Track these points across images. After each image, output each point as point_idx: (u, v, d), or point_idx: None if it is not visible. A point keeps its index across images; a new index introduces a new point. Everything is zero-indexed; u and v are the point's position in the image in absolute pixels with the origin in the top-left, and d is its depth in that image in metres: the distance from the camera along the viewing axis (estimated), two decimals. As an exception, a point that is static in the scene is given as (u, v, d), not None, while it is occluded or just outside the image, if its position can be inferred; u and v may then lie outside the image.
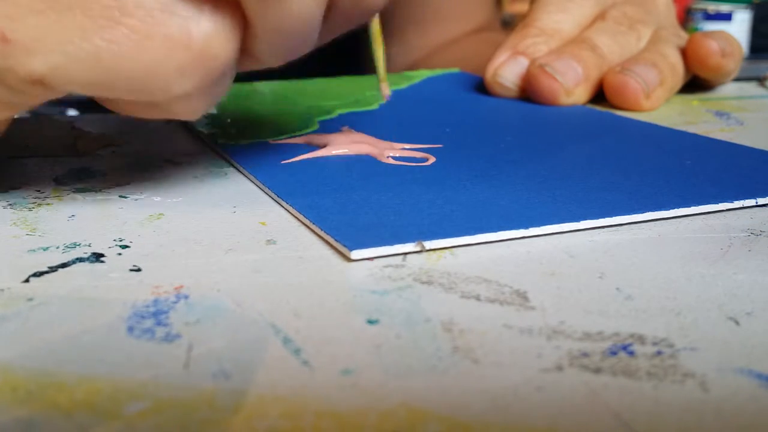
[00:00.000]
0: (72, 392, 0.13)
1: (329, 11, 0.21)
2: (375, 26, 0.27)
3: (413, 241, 0.18)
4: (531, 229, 0.20)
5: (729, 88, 0.45)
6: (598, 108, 0.37)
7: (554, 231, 0.20)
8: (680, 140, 0.30)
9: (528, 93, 0.38)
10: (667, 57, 0.39)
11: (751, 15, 1.33)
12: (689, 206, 0.21)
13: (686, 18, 1.37)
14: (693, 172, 0.25)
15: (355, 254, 0.18)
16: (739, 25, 1.33)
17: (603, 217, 0.20)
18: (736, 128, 0.34)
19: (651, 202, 0.22)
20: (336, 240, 0.19)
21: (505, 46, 0.40)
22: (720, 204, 0.22)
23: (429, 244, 0.19)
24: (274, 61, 0.21)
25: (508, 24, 1.46)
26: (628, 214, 0.21)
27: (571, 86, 0.37)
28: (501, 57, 0.39)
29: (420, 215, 0.20)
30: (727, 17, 1.32)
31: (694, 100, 0.41)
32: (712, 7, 1.33)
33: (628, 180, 0.24)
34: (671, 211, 0.21)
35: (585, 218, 0.20)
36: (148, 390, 0.13)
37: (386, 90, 0.28)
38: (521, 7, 1.60)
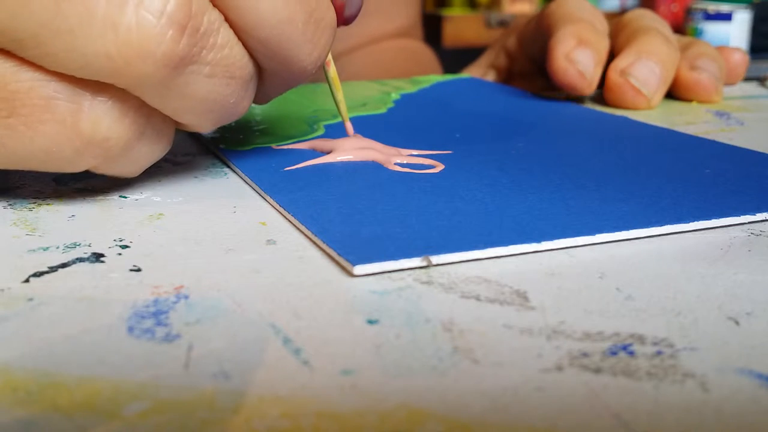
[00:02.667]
0: (72, 393, 0.13)
1: (262, 76, 0.22)
2: (332, 72, 0.27)
3: (419, 256, 0.18)
4: (544, 243, 0.19)
5: (729, 88, 0.45)
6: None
7: (568, 245, 0.19)
8: (698, 147, 0.29)
9: (607, 97, 0.38)
10: (712, 49, 0.40)
11: (751, 15, 1.33)
12: (710, 219, 0.20)
13: (686, 18, 1.38)
14: (713, 182, 0.24)
15: (358, 269, 0.17)
16: (739, 25, 1.33)
17: (620, 230, 0.19)
18: (736, 128, 0.34)
19: (671, 214, 0.21)
20: (339, 254, 0.18)
21: (565, 34, 0.37)
22: (742, 216, 0.21)
23: (436, 259, 0.18)
24: (204, 128, 0.22)
25: (506, 24, 1.46)
26: (647, 227, 0.20)
27: (652, 93, 0.37)
28: (568, 42, 0.37)
29: (427, 227, 0.20)
30: (727, 17, 1.32)
31: (694, 100, 0.41)
32: (712, 7, 1.33)
33: (645, 189, 0.23)
34: (692, 224, 0.20)
35: (601, 231, 0.19)
36: (148, 390, 0.13)
37: (350, 130, 0.28)
38: (521, 8, 1.60)
